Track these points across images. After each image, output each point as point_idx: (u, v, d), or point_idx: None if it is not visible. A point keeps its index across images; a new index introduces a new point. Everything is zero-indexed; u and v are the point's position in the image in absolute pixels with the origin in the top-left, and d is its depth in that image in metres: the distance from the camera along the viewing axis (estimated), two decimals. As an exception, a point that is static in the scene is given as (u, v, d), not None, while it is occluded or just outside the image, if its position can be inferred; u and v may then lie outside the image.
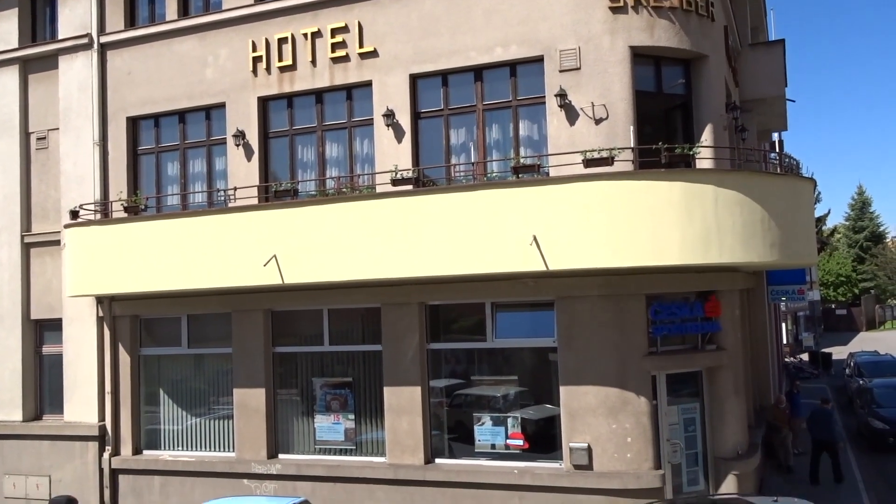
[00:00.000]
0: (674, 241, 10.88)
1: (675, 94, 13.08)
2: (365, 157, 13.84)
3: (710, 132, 12.70)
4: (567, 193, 11.12)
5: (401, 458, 12.92)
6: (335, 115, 14.07)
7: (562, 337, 12.14)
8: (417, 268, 11.89)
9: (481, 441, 12.77)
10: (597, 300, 11.94)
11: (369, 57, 13.51)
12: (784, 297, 19.92)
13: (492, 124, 13.06)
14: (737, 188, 11.20)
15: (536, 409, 12.75)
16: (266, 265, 12.61)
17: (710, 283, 12.55)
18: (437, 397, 13.20)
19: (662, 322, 12.19)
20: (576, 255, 11.03)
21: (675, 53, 12.62)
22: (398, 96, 13.28)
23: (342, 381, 13.76)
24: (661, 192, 10.95)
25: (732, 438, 12.68)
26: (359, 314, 13.71)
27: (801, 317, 47.28)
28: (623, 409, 11.77)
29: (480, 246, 11.47)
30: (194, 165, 15.22)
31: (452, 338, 13.27)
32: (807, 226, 12.74)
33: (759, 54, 18.05)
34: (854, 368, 27.88)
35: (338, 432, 13.68)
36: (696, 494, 12.15)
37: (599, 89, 12.11)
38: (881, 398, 20.34)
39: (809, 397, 28.34)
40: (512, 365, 12.97)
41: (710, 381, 12.77)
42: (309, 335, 14.13)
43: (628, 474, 11.64)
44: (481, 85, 13.02)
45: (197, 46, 14.80)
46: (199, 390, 14.96)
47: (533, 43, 12.50)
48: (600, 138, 11.95)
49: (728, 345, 12.82)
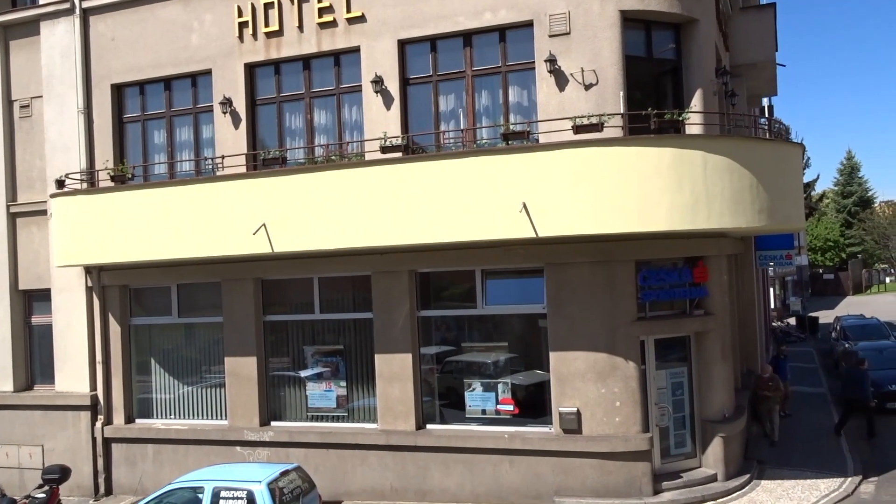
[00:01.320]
0: (663, 207, 10.90)
1: (665, 59, 13.00)
2: (353, 125, 13.73)
3: (700, 97, 12.66)
4: (556, 160, 11.09)
5: (393, 424, 13.05)
6: (323, 81, 13.92)
7: (551, 303, 12.21)
8: (407, 235, 11.88)
9: (472, 407, 12.90)
10: (586, 266, 11.99)
11: (357, 22, 13.33)
12: (772, 262, 20.06)
13: (481, 90, 12.96)
14: (726, 154, 11.20)
15: (526, 375, 12.87)
16: (255, 234, 12.57)
17: (698, 249, 12.62)
18: (428, 364, 13.30)
19: (651, 288, 12.27)
20: (565, 221, 11.04)
21: (666, 18, 12.52)
22: (386, 62, 13.14)
23: (333, 348, 13.82)
24: (650, 158, 10.95)
25: (719, 402, 12.87)
26: (349, 282, 13.73)
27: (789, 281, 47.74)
28: (612, 373, 11.90)
29: (470, 213, 11.46)
30: (181, 133, 15.07)
31: (443, 305, 13.33)
32: (795, 191, 12.78)
33: (749, 18, 17.89)
34: (840, 332, 28.20)
35: (330, 399, 13.79)
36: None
37: (589, 54, 12.02)
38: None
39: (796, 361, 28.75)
40: (502, 331, 13.06)
41: (698, 346, 12.90)
42: (299, 303, 14.15)
43: (617, 438, 11.82)
44: (470, 50, 12.89)
45: (182, 12, 14.55)
46: (190, 359, 15.00)
47: (522, 7, 12.36)
48: (590, 104, 11.89)
49: (716, 310, 12.93)
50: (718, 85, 13.65)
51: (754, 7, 19.78)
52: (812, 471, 13.49)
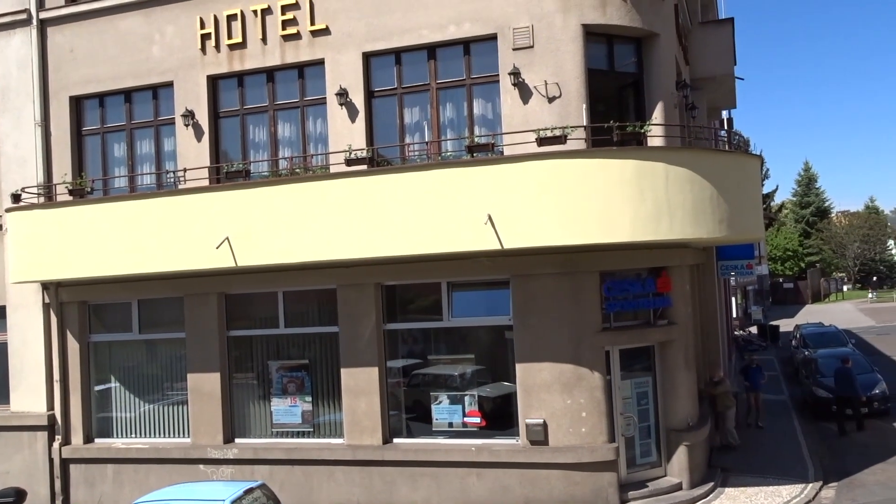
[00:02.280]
0: (626, 218, 11.02)
1: (626, 72, 13.19)
2: (318, 137, 13.67)
3: (661, 110, 12.86)
4: (521, 172, 11.16)
5: (359, 438, 12.93)
6: (287, 94, 13.85)
7: (517, 315, 12.24)
8: (373, 248, 11.83)
9: (439, 420, 12.85)
10: (551, 278, 12.05)
11: (321, 35, 13.30)
12: (733, 272, 20.37)
13: (446, 103, 13.01)
14: (687, 165, 11.38)
15: (493, 387, 12.87)
16: (219, 248, 12.41)
17: (661, 260, 12.77)
18: (395, 377, 13.23)
19: (615, 298, 12.38)
20: (530, 233, 11.10)
21: (627, 32, 12.71)
22: (351, 75, 13.12)
23: (298, 363, 13.67)
24: (613, 170, 11.07)
25: (683, 410, 13.01)
26: (314, 296, 13.61)
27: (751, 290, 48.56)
28: (578, 384, 11.96)
29: (436, 225, 11.46)
30: (142, 146, 14.85)
31: (409, 318, 13.28)
32: (754, 202, 13.03)
33: (708, 32, 18.26)
34: (800, 340, 28.75)
35: (295, 415, 13.62)
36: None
37: (552, 68, 12.14)
38: (825, 368, 20.98)
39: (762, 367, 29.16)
40: (468, 344, 13.05)
41: (662, 356, 13.04)
42: (264, 318, 13.98)
43: (583, 448, 11.86)
44: (435, 63, 12.94)
45: (142, 23, 14.37)
46: (152, 376, 14.70)
47: (486, 21, 12.45)
48: (553, 117, 12.00)
49: (679, 319, 13.09)
50: (679, 98, 13.89)
51: (713, 22, 20.23)
52: (774, 477, 13.69)
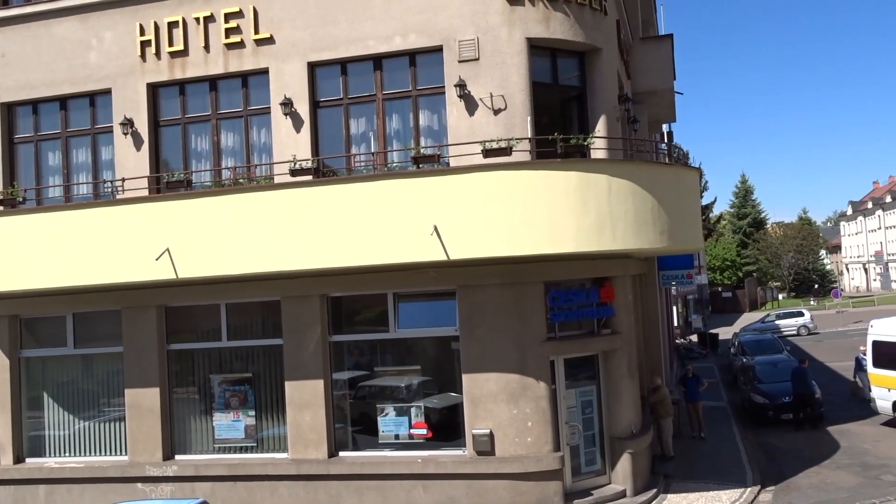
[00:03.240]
0: (570, 229, 11.17)
1: (570, 85, 13.40)
2: (262, 147, 13.50)
3: (604, 123, 13.10)
4: (467, 183, 11.21)
5: (304, 452, 12.74)
6: (230, 103, 13.65)
7: (463, 325, 12.27)
8: (318, 259, 11.71)
9: (385, 432, 12.76)
10: (497, 288, 12.12)
11: (265, 44, 13.16)
12: (674, 282, 20.86)
13: (392, 114, 13.00)
14: (629, 178, 11.60)
15: (440, 398, 12.85)
16: (158, 259, 12.10)
17: (604, 270, 12.98)
18: (341, 390, 13.09)
19: (560, 308, 12.52)
20: (476, 244, 11.15)
21: (570, 46, 12.93)
22: (296, 84, 13.01)
23: (241, 377, 13.41)
24: (557, 181, 11.22)
25: (627, 418, 13.21)
26: (258, 308, 13.38)
27: (691, 300, 49.74)
28: (523, 394, 12.03)
29: (382, 236, 11.42)
30: (78, 155, 14.41)
31: (355, 329, 13.18)
32: (694, 213, 13.37)
33: (648, 48, 18.73)
34: (738, 347, 29.57)
35: (238, 430, 13.33)
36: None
37: (498, 80, 12.26)
38: (762, 374, 21.65)
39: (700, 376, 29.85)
40: (415, 355, 13.02)
41: (606, 364, 13.23)
42: (206, 331, 13.68)
43: (529, 458, 11.92)
44: (381, 74, 12.93)
45: (79, 29, 13.97)
46: (87, 392, 14.21)
47: (432, 33, 12.50)
48: (499, 128, 12.11)
49: (622, 329, 13.31)
50: (621, 111, 14.18)
51: (653, 38, 20.74)
52: (714, 483, 14.00)
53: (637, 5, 19.52)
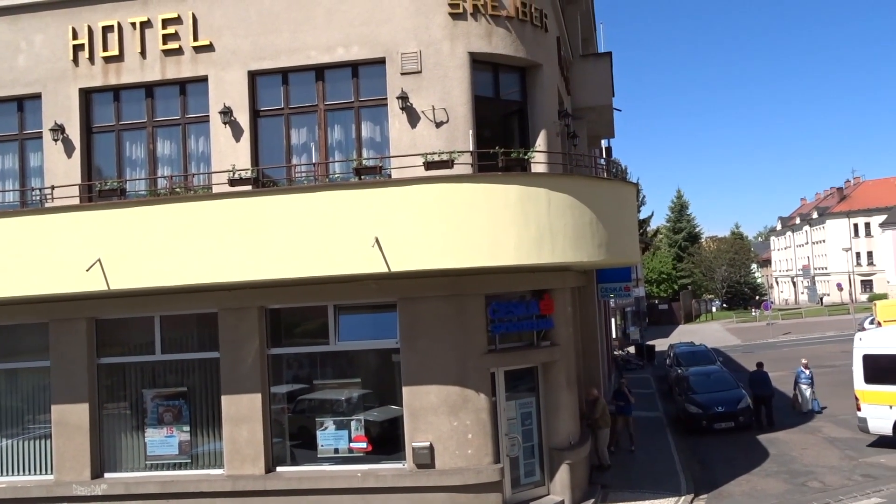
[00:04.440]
0: (510, 242, 11.27)
1: (511, 100, 13.58)
2: (200, 156, 13.24)
3: (544, 138, 13.30)
4: (408, 195, 11.22)
5: (240, 468, 12.46)
6: (168, 110, 13.35)
7: (404, 338, 12.23)
8: (256, 271, 11.51)
9: (324, 446, 12.59)
10: (438, 300, 12.13)
11: (204, 51, 12.93)
12: (612, 294, 21.28)
13: (334, 125, 12.92)
14: (568, 192, 11.79)
15: (381, 411, 12.76)
16: (89, 270, 11.70)
17: (544, 282, 13.14)
18: (280, 403, 12.87)
19: (500, 320, 12.60)
20: (417, 256, 11.14)
21: (512, 61, 13.10)
22: (236, 93, 12.82)
23: (176, 391, 13.04)
24: (498, 194, 11.32)
25: (565, 429, 13.36)
26: (194, 320, 13.06)
27: (629, 312, 50.79)
28: (464, 406, 12.05)
29: (322, 248, 11.31)
30: (4, 161, 13.87)
31: (294, 342, 12.99)
32: (631, 227, 13.67)
33: (588, 65, 19.14)
34: (673, 359, 30.29)
35: (171, 446, 12.96)
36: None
37: (440, 93, 12.33)
38: (696, 385, 22.23)
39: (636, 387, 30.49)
40: (355, 367, 12.90)
41: (545, 376, 13.36)
42: (139, 344, 13.27)
43: (469, 470, 11.93)
44: (323, 84, 12.85)
45: (6, 30, 13.48)
46: (10, 408, 13.59)
47: (375, 45, 12.50)
48: (441, 141, 12.16)
49: (561, 340, 13.48)
50: (561, 126, 14.43)
51: (593, 55, 21.18)
52: (650, 491, 14.28)
53: (577, 23, 19.95)
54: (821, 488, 14.32)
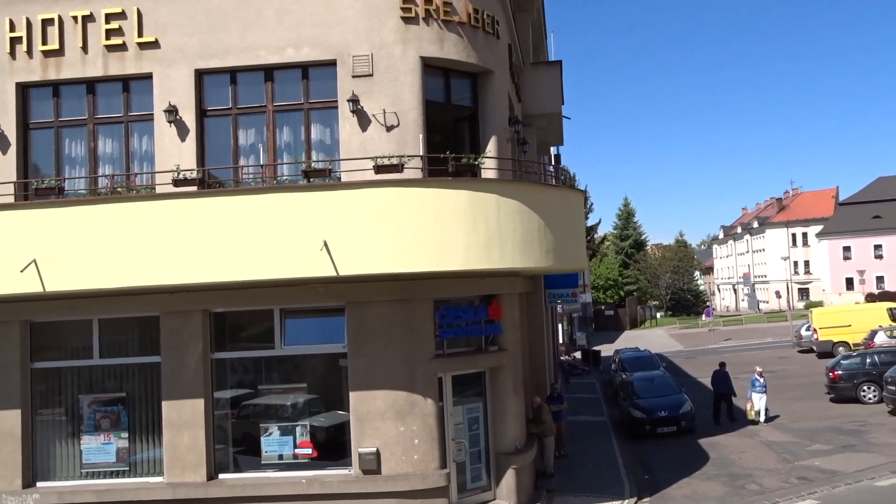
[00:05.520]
0: (459, 247, 11.28)
1: (462, 105, 13.62)
2: (144, 155, 12.91)
3: (495, 144, 13.38)
4: (358, 199, 11.14)
5: (181, 476, 12.15)
6: (110, 107, 12.99)
7: (352, 342, 12.12)
8: (201, 274, 11.26)
9: (268, 452, 12.38)
10: (386, 305, 12.07)
11: (150, 48, 12.62)
12: (560, 300, 21.48)
13: (283, 126, 12.76)
14: (517, 198, 11.87)
15: (327, 416, 12.62)
16: (23, 271, 11.28)
17: (492, 288, 13.19)
18: (223, 409, 12.61)
19: (449, 325, 12.60)
20: (366, 260, 11.07)
21: (463, 67, 13.14)
22: (182, 91, 12.54)
23: (114, 396, 12.66)
24: (447, 199, 11.32)
25: (512, 434, 13.42)
26: (134, 323, 12.70)
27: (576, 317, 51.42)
28: (411, 411, 12.00)
29: (269, 251, 11.13)
30: (-66, 156, 13.26)
31: (239, 346, 12.75)
32: (578, 233, 13.84)
33: (539, 73, 19.34)
34: (619, 364, 30.79)
35: (108, 453, 12.56)
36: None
37: (391, 97, 12.29)
38: (640, 390, 22.63)
39: (582, 392, 30.90)
40: (302, 372, 12.74)
41: (493, 381, 13.41)
42: (76, 348, 12.84)
43: (415, 475, 11.88)
44: (272, 85, 12.67)
45: (-62, 20, 12.93)
46: (-63, 414, 13.00)
47: (326, 46, 12.39)
48: (391, 145, 12.12)
49: (509, 346, 13.55)
50: (511, 133, 14.53)
51: (543, 63, 21.45)
52: (594, 495, 14.46)
53: (528, 31, 20.14)
54: (758, 490, 14.71)
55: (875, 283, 79.63)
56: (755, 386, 22.01)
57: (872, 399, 23.31)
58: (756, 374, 22.33)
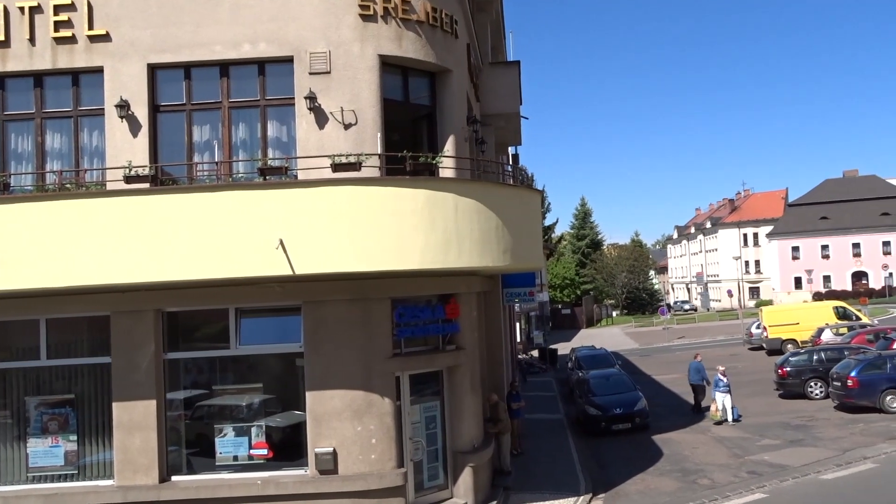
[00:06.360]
0: (417, 246, 11.27)
1: (421, 104, 13.61)
2: (94, 151, 12.61)
3: (453, 143, 13.40)
4: (315, 197, 11.04)
5: (132, 478, 11.90)
6: (59, 101, 12.65)
7: (308, 342, 12.02)
8: (153, 273, 11.04)
9: (223, 453, 12.20)
10: (343, 304, 12.00)
11: (101, 41, 12.33)
12: (517, 299, 21.63)
13: (238, 123, 12.57)
14: (475, 197, 11.90)
15: (283, 417, 12.49)
16: (-34, 269, 10.92)
17: (450, 287, 13.21)
18: (176, 410, 12.38)
19: (406, 324, 12.58)
20: (323, 259, 10.98)
21: (422, 66, 13.13)
22: (134, 86, 12.28)
23: (63, 398, 12.33)
24: (405, 198, 11.30)
25: (469, 433, 13.47)
26: (84, 323, 12.40)
27: (533, 316, 51.76)
28: (368, 411, 11.95)
29: (224, 249, 10.96)
30: None
31: (193, 346, 12.53)
32: (536, 233, 13.94)
33: (497, 73, 19.44)
34: (575, 362, 31.09)
35: (56, 456, 12.23)
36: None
37: (349, 95, 12.21)
38: (595, 388, 22.89)
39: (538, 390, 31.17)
40: (257, 372, 12.58)
41: (450, 380, 13.44)
42: (21, 348, 12.46)
43: (372, 475, 11.85)
44: (228, 81, 12.49)
45: None
46: None
47: (283, 43, 12.26)
48: (349, 143, 12.05)
49: (466, 344, 13.59)
50: (469, 132, 14.57)
51: (502, 63, 21.55)
52: (550, 492, 14.59)
53: (487, 31, 20.24)
54: (710, 485, 15.01)
55: (822, 283, 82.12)
56: (719, 386, 21.56)
57: (819, 395, 23.98)
58: (719, 373, 21.84)
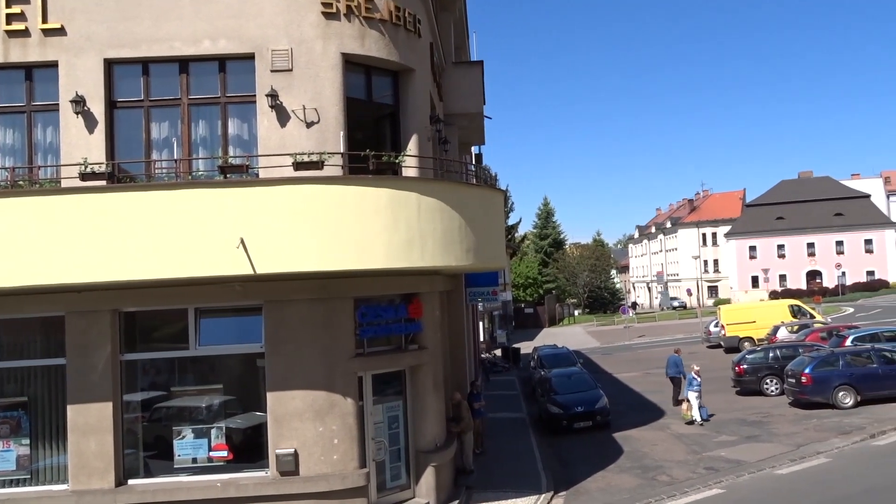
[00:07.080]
0: (380, 245, 11.24)
1: (384, 103, 13.57)
2: (48, 147, 12.32)
3: (416, 142, 13.38)
4: (276, 196, 10.94)
5: (87, 482, 11.64)
6: (11, 96, 12.33)
7: (270, 342, 11.90)
8: (110, 272, 10.81)
9: (181, 456, 12.01)
10: (305, 304, 11.91)
11: (55, 34, 12.04)
12: (480, 298, 21.71)
13: (198, 120, 12.39)
14: (438, 196, 11.91)
15: (244, 418, 12.34)
16: (-88, 268, 10.57)
17: (413, 286, 13.20)
18: (133, 412, 12.15)
19: (369, 324, 12.53)
20: (284, 258, 10.88)
21: (385, 65, 13.09)
22: (90, 81, 12.01)
23: (14, 401, 12.01)
24: (368, 197, 11.25)
25: (431, 432, 13.47)
26: (37, 324, 12.08)
27: (496, 315, 52.01)
28: (330, 411, 11.88)
29: (183, 248, 10.79)
30: None
31: (151, 347, 12.31)
32: (499, 232, 13.99)
33: (461, 72, 19.46)
34: (537, 361, 31.30)
35: (8, 461, 11.91)
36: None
37: (311, 93, 12.12)
38: (557, 386, 23.06)
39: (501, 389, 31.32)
40: (217, 373, 12.41)
41: (413, 380, 13.42)
42: (-28, 350, 12.13)
43: (334, 476, 11.77)
44: (187, 77, 12.30)
45: None
46: None
47: (244, 39, 12.11)
48: (311, 142, 11.95)
49: (429, 344, 13.59)
50: (432, 131, 14.57)
51: (465, 63, 21.58)
52: (512, 491, 14.67)
53: (450, 31, 20.24)
54: (669, 481, 15.25)
55: (778, 281, 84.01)
56: (692, 385, 20.90)
57: (775, 391, 24.51)
58: (693, 373, 21.19)
